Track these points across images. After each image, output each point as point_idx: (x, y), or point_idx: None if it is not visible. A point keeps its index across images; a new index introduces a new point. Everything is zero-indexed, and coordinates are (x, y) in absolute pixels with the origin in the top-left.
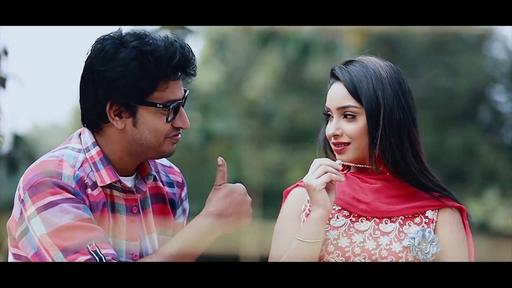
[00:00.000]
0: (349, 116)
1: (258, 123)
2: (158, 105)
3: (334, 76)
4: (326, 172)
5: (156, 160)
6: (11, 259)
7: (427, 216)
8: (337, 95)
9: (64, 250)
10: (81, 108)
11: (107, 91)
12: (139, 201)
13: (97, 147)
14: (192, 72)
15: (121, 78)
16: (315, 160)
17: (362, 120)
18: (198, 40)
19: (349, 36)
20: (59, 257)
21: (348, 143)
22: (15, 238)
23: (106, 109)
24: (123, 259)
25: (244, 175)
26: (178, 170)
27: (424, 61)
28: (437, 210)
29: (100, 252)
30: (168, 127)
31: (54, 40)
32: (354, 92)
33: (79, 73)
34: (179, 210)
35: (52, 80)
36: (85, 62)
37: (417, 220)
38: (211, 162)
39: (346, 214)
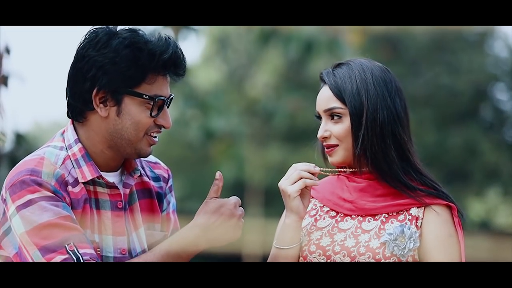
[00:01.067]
0: (335, 118)
1: (259, 122)
2: (144, 96)
3: (322, 80)
4: (301, 178)
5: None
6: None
7: (411, 213)
8: (323, 97)
9: (42, 249)
10: (66, 97)
11: (95, 76)
12: (127, 196)
13: (79, 143)
14: (181, 72)
15: (111, 64)
16: (292, 165)
17: (347, 121)
18: (200, 38)
19: (351, 35)
20: (38, 256)
21: (337, 145)
22: None
23: (92, 95)
24: (111, 254)
25: (245, 173)
26: (166, 167)
27: (426, 60)
28: (423, 208)
29: (78, 252)
30: (150, 123)
31: (55, 38)
32: (339, 93)
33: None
34: (165, 203)
35: (53, 78)
36: (77, 49)
37: (401, 217)
38: (212, 160)
39: (333, 215)
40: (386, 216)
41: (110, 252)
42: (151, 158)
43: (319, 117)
